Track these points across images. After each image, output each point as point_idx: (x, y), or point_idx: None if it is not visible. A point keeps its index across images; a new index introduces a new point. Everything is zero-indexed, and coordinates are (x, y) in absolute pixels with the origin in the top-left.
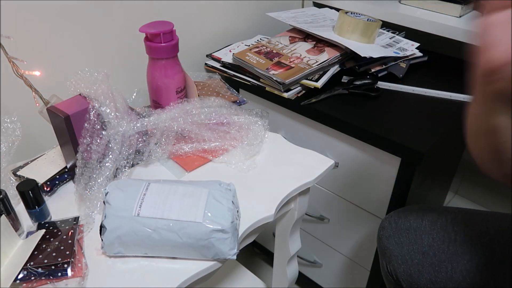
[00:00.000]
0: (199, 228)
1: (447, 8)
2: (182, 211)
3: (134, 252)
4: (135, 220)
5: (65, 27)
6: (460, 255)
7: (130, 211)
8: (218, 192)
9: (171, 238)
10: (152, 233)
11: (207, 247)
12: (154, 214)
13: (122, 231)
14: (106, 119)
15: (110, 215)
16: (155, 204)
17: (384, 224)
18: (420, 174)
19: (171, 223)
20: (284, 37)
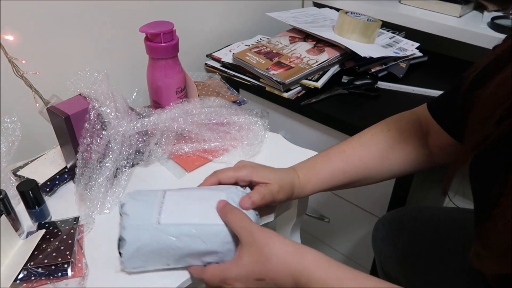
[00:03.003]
0: (224, 231)
1: (447, 8)
2: (203, 215)
3: (155, 265)
4: (156, 229)
5: (65, 27)
6: (453, 254)
7: (150, 219)
8: (235, 195)
9: (195, 245)
10: (175, 241)
11: (233, 251)
12: (176, 220)
13: (143, 241)
14: (106, 119)
15: (129, 226)
16: (175, 210)
17: (378, 225)
18: (420, 174)
19: (193, 228)
20: (284, 37)
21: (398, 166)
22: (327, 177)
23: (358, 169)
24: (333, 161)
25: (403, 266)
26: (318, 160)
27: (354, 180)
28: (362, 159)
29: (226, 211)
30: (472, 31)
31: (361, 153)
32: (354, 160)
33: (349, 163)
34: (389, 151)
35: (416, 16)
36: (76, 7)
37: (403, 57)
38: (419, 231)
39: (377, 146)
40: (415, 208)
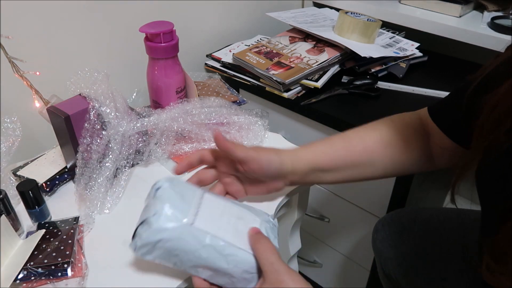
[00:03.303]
0: (251, 261)
1: (447, 8)
2: (236, 235)
3: (164, 261)
4: (188, 229)
5: (65, 27)
6: (453, 254)
7: (185, 217)
8: (268, 226)
9: (217, 261)
10: (200, 250)
11: (248, 281)
12: (210, 229)
13: (168, 235)
14: (106, 119)
15: (161, 214)
16: (211, 218)
17: (378, 226)
18: (420, 174)
19: (224, 245)
20: (284, 37)
21: (400, 158)
22: (326, 151)
23: (360, 151)
24: (333, 139)
25: (403, 267)
26: (318, 143)
27: (355, 163)
28: (365, 141)
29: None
30: (472, 31)
31: (364, 136)
32: (356, 142)
33: (351, 143)
34: (393, 140)
35: (416, 16)
36: (76, 7)
37: (403, 57)
38: (419, 232)
39: (381, 133)
40: (414, 209)
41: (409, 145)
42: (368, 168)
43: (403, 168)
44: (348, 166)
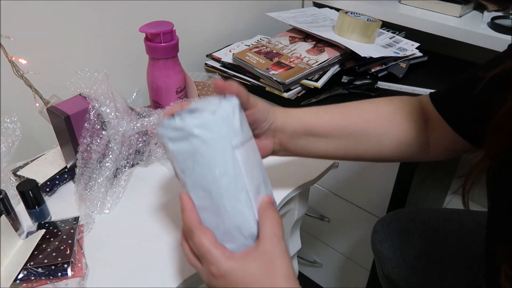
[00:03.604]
0: (251, 226)
1: (447, 8)
2: (255, 194)
3: (176, 160)
4: (228, 149)
5: (65, 27)
6: (452, 256)
7: (234, 138)
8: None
9: (225, 198)
10: (222, 176)
11: (232, 240)
12: (243, 167)
13: (210, 139)
14: (106, 119)
15: (221, 118)
16: (248, 161)
17: (377, 227)
18: (420, 174)
19: (243, 188)
20: (284, 37)
21: (397, 136)
22: (320, 114)
23: (356, 120)
24: (329, 106)
25: (402, 268)
26: (311, 106)
27: (350, 132)
28: (362, 111)
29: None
30: (472, 31)
31: (361, 107)
32: (353, 110)
33: (348, 110)
34: (391, 115)
35: (416, 16)
36: (76, 7)
37: (403, 57)
38: (418, 232)
39: (379, 106)
40: (414, 209)
41: (406, 124)
42: (363, 142)
43: (398, 150)
44: (342, 134)
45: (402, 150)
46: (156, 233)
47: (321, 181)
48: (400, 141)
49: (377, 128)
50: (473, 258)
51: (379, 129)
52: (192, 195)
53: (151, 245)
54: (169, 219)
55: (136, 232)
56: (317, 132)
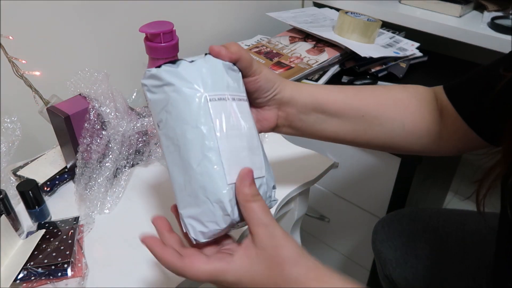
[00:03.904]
0: (222, 194)
1: (447, 8)
2: (232, 157)
3: (154, 111)
4: (200, 100)
5: (65, 27)
6: (453, 256)
7: (209, 91)
8: (265, 189)
9: (192, 154)
10: (190, 128)
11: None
12: (218, 123)
13: (182, 88)
14: (106, 119)
15: (197, 69)
16: (227, 119)
17: (378, 228)
18: (420, 174)
19: (213, 147)
20: (284, 37)
21: (411, 124)
22: (334, 91)
23: (370, 103)
24: (344, 86)
25: (403, 268)
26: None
27: (363, 114)
28: (377, 95)
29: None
30: (472, 31)
31: (377, 91)
32: (369, 93)
33: (363, 93)
34: (406, 102)
35: (416, 16)
36: (76, 7)
37: (403, 57)
38: (419, 233)
39: (395, 93)
40: (414, 210)
41: (420, 114)
42: (375, 126)
43: (409, 140)
44: (355, 115)
45: (413, 141)
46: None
47: (321, 181)
48: (412, 130)
49: (391, 113)
50: (473, 259)
51: (393, 115)
52: (164, 150)
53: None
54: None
55: (136, 232)
56: (329, 110)
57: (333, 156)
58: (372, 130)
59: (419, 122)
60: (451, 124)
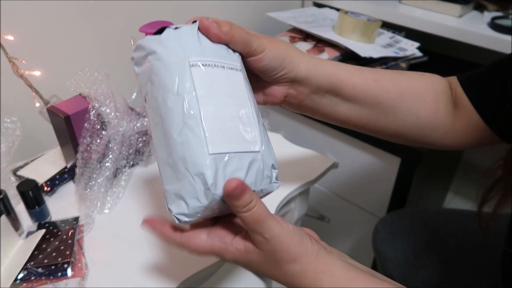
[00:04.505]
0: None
1: (447, 8)
2: (217, 126)
3: (142, 84)
4: (182, 65)
5: (65, 27)
6: (453, 256)
7: (192, 56)
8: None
9: (172, 123)
10: (172, 95)
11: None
12: (202, 90)
13: (163, 53)
14: (106, 119)
15: (177, 34)
16: (215, 85)
17: (378, 227)
18: (420, 174)
19: (194, 116)
20: (284, 37)
21: (425, 115)
22: (353, 73)
23: (389, 88)
24: (362, 68)
25: (403, 268)
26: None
27: (379, 101)
28: (395, 80)
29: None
30: (472, 31)
31: (395, 76)
32: (388, 78)
33: (382, 78)
34: (422, 94)
35: (416, 16)
36: (76, 7)
37: (403, 57)
38: (419, 233)
39: (412, 81)
40: (415, 210)
41: (435, 106)
42: (389, 116)
43: (421, 132)
44: (371, 102)
45: (425, 133)
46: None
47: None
48: (425, 123)
49: (408, 104)
50: (473, 259)
51: (409, 105)
52: (151, 124)
53: (151, 245)
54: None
55: (136, 232)
56: (345, 94)
57: (333, 156)
58: (386, 119)
59: (433, 114)
60: (465, 117)
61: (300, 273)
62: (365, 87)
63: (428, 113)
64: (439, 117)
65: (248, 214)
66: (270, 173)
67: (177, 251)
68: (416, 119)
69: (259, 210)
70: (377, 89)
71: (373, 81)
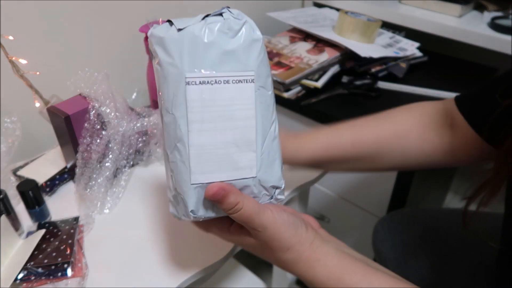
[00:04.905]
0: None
1: (447, 8)
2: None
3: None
4: (179, 76)
5: (65, 27)
6: (453, 256)
7: (193, 69)
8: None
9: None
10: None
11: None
12: (194, 113)
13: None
14: (106, 119)
15: (187, 34)
16: (208, 107)
17: (378, 227)
18: (420, 174)
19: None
20: (284, 37)
21: (412, 151)
22: (333, 144)
23: (369, 143)
24: (342, 130)
25: (403, 268)
26: (323, 130)
27: (362, 156)
28: (376, 132)
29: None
30: (472, 31)
31: (376, 126)
32: (367, 132)
33: (361, 134)
34: (407, 132)
35: (416, 16)
36: (76, 7)
37: (403, 57)
38: (419, 233)
39: (394, 124)
40: (415, 209)
41: (425, 136)
42: (376, 161)
43: (416, 161)
44: (354, 158)
45: (419, 161)
46: (156, 233)
47: (321, 181)
48: (417, 155)
49: (391, 148)
50: (473, 259)
51: (394, 148)
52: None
53: (151, 245)
54: (169, 219)
55: (136, 232)
56: (328, 163)
57: None
58: (372, 165)
59: (420, 147)
60: (463, 136)
61: (293, 261)
62: (345, 151)
63: (414, 148)
64: (430, 145)
65: (237, 215)
66: (270, 192)
67: (177, 251)
68: (402, 155)
69: (248, 211)
70: (357, 148)
71: (352, 146)
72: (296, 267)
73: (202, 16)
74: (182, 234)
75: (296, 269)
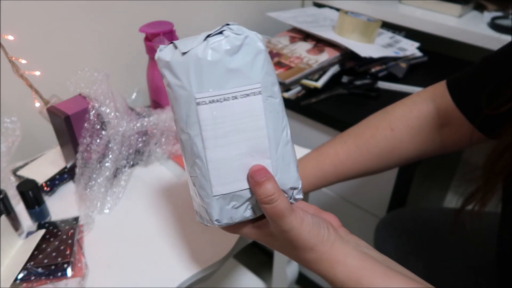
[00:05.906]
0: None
1: (447, 8)
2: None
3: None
4: (189, 98)
5: (65, 27)
6: (454, 256)
7: (201, 91)
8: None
9: (188, 151)
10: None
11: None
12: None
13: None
14: (106, 119)
15: (193, 51)
16: (221, 124)
17: (379, 227)
18: (420, 174)
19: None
20: (284, 37)
21: (399, 162)
22: (317, 181)
23: (353, 171)
24: (325, 166)
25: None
26: (309, 163)
27: (348, 178)
28: (357, 163)
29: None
30: (472, 31)
31: (357, 157)
32: (348, 164)
33: (343, 167)
34: (390, 152)
35: (416, 16)
36: (76, 7)
37: (403, 57)
38: (419, 232)
39: (377, 149)
40: (416, 209)
41: (412, 147)
42: (381, 167)
43: (404, 162)
44: (339, 181)
45: (413, 160)
46: (156, 233)
47: None
48: (410, 158)
49: (383, 163)
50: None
51: (385, 163)
52: None
53: (151, 245)
54: (169, 219)
55: (136, 232)
56: (326, 185)
57: None
58: (368, 174)
59: (412, 152)
60: (456, 131)
61: (315, 261)
62: (338, 176)
63: (408, 154)
64: (420, 147)
65: (270, 206)
66: (289, 194)
67: (177, 251)
68: (399, 162)
69: (282, 205)
70: (354, 169)
71: (336, 177)
72: (317, 266)
73: (204, 37)
74: (182, 234)
75: (317, 268)
